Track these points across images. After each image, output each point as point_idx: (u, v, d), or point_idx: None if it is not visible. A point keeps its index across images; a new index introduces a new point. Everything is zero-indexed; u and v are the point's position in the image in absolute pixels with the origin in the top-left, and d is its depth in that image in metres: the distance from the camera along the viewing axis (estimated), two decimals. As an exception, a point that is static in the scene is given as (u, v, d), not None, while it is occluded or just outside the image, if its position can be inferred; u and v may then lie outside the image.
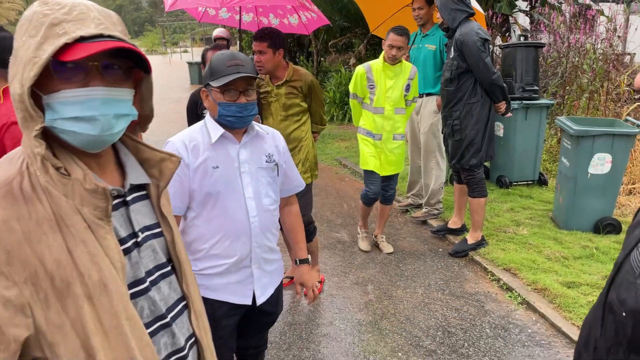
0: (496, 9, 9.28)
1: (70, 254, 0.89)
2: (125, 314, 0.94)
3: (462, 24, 3.87)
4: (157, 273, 1.07)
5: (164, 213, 1.10)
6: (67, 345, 0.89)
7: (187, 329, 1.13)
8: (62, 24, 0.88)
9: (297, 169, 2.14)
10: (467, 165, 4.01)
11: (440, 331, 3.19)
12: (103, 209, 0.93)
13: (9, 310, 0.84)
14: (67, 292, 0.89)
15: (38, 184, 0.91)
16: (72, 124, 0.90)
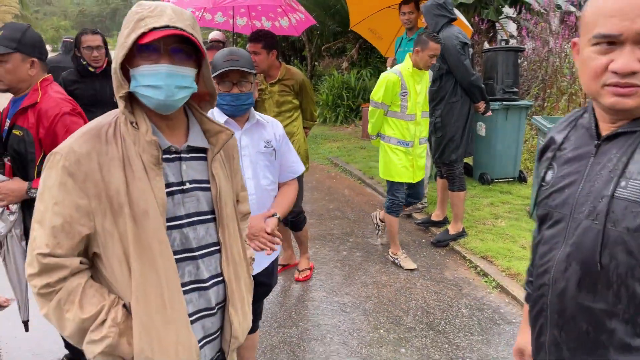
0: (483, 15, 9.61)
1: (127, 186, 1.22)
2: (158, 237, 1.23)
3: (443, 28, 4.17)
4: (197, 217, 1.33)
5: (214, 174, 1.37)
6: (114, 248, 1.23)
7: (214, 268, 1.37)
8: (145, 19, 1.19)
9: (297, 156, 2.34)
10: (447, 160, 4.30)
11: (420, 311, 3.46)
12: (155, 157, 1.24)
13: (79, 213, 1.21)
14: (120, 212, 1.21)
15: (119, 132, 1.26)
16: (146, 89, 1.21)
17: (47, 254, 1.21)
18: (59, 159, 1.22)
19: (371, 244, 4.58)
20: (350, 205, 5.69)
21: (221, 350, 1.44)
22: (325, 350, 3.04)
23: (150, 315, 1.23)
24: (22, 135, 2.14)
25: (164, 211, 1.25)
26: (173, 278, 1.25)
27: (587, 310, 1.06)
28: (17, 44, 2.12)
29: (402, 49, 5.02)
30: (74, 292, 1.22)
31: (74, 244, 1.22)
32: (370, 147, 8.02)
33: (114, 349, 1.23)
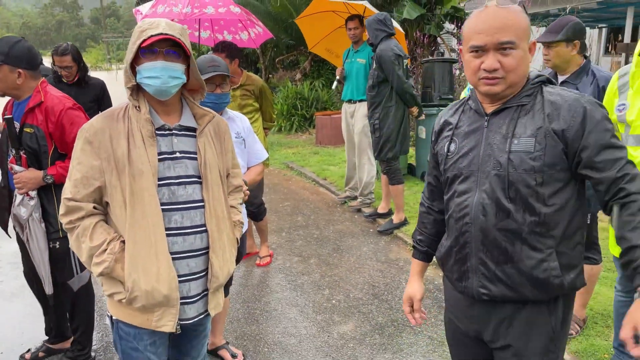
0: (425, 31, 10.41)
1: (129, 152, 1.67)
2: (149, 192, 1.67)
3: (382, 41, 4.76)
4: (186, 179, 1.75)
5: (200, 147, 1.78)
6: (117, 197, 1.68)
7: (199, 219, 1.76)
8: (146, 31, 1.63)
9: (261, 145, 2.86)
10: (385, 158, 4.89)
11: (367, 285, 3.97)
12: (150, 131, 1.70)
13: (93, 170, 1.67)
14: (123, 171, 1.66)
15: (127, 113, 1.72)
16: (148, 80, 1.66)
17: (70, 199, 1.67)
18: (83, 132, 1.70)
19: (325, 234, 5.08)
20: (306, 202, 6.18)
21: (207, 289, 1.82)
22: (285, 317, 3.50)
23: (137, 249, 1.65)
24: (34, 132, 2.47)
25: (155, 172, 1.68)
26: (158, 223, 1.67)
27: (504, 231, 1.49)
28: (5, 56, 2.42)
29: (349, 60, 5.59)
30: (87, 228, 1.67)
31: (89, 193, 1.67)
32: (323, 153, 8.57)
33: (110, 270, 1.66)
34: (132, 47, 1.65)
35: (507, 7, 1.46)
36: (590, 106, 1.44)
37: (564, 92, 1.49)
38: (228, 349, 3.01)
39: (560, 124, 1.44)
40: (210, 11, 4.83)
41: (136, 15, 5.34)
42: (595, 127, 1.42)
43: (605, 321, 3.24)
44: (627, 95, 2.33)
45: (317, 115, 9.51)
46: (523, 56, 1.46)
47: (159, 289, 1.67)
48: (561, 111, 1.45)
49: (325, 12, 5.93)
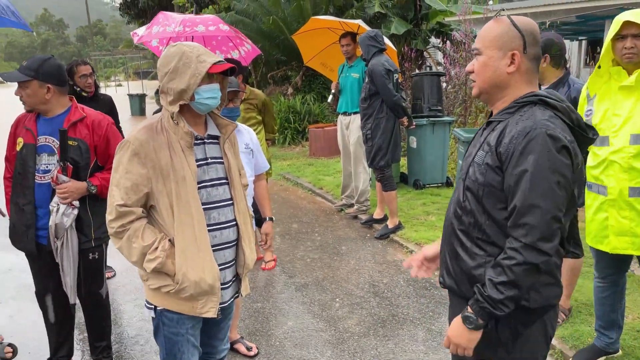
0: (412, 45, 10.82)
1: (172, 160, 1.90)
2: (192, 195, 1.91)
3: (374, 56, 5.09)
4: (217, 181, 2.01)
5: (226, 152, 2.06)
6: (163, 201, 1.91)
7: (230, 215, 2.03)
8: (200, 56, 1.86)
9: (264, 156, 3.14)
10: (378, 166, 5.20)
11: (367, 284, 4.23)
12: (189, 142, 1.93)
13: (142, 178, 1.88)
14: (167, 177, 1.89)
15: (164, 126, 1.94)
16: (208, 100, 1.92)
17: (122, 204, 1.88)
18: (129, 145, 1.90)
19: (325, 239, 5.34)
20: (304, 211, 6.44)
21: (236, 275, 2.12)
22: (293, 315, 3.74)
23: (186, 245, 1.89)
24: (77, 145, 2.66)
25: (195, 177, 1.93)
26: (201, 222, 1.91)
27: (457, 231, 1.64)
28: (35, 72, 2.60)
29: (344, 75, 5.90)
30: (138, 230, 1.89)
31: (139, 198, 1.89)
32: (317, 164, 8.85)
33: (162, 265, 1.88)
34: (197, 72, 1.84)
35: (497, 18, 1.60)
36: (534, 143, 1.43)
37: (528, 120, 1.48)
38: (243, 342, 3.24)
39: (502, 148, 1.49)
40: (201, 29, 5.09)
41: (133, 36, 5.62)
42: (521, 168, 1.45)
43: (589, 310, 3.52)
44: (593, 102, 2.67)
45: (310, 128, 9.81)
46: (485, 62, 1.57)
47: (205, 279, 1.91)
48: (509, 136, 1.49)
49: (321, 29, 6.25)
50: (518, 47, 1.54)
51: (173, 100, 1.90)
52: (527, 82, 1.57)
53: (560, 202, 1.42)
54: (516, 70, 1.55)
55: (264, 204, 3.15)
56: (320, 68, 6.80)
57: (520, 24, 1.55)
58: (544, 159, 1.41)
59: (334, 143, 9.33)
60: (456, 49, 9.55)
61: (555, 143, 1.42)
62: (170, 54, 1.89)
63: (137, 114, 19.22)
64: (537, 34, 1.57)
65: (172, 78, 1.88)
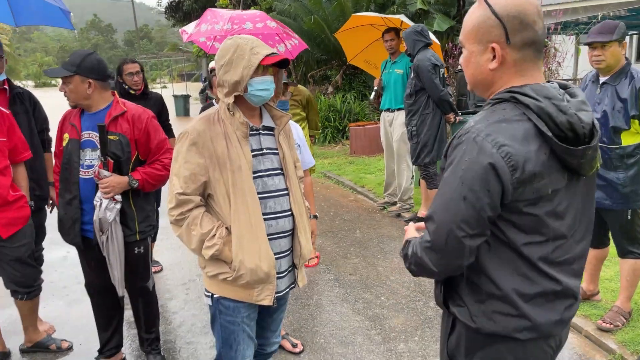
0: (456, 42, 10.59)
1: (228, 150, 1.92)
2: (247, 184, 1.92)
3: (420, 51, 4.99)
4: (273, 171, 2.02)
5: (281, 143, 2.06)
6: (220, 190, 1.93)
7: (286, 205, 2.03)
8: (254, 48, 1.88)
9: (309, 152, 3.10)
10: (423, 163, 5.09)
11: (413, 284, 4.14)
12: (245, 133, 1.95)
13: (199, 167, 1.91)
14: (224, 166, 1.91)
15: (221, 117, 1.96)
16: (261, 92, 1.93)
17: (181, 193, 1.91)
18: (187, 135, 1.92)
19: (367, 237, 5.27)
20: (346, 209, 6.39)
21: (292, 264, 2.09)
22: (337, 313, 3.70)
23: (242, 233, 1.91)
24: (118, 139, 2.67)
25: (251, 167, 1.94)
26: (257, 210, 1.92)
27: None
28: (77, 67, 2.63)
29: (387, 71, 5.83)
30: (197, 218, 1.92)
31: (197, 187, 1.92)
32: (358, 162, 8.78)
33: (220, 252, 1.91)
34: (250, 64, 1.86)
35: (478, 2, 1.35)
36: (459, 149, 1.26)
37: (474, 119, 1.30)
38: (288, 339, 3.22)
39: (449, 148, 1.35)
40: (249, 27, 5.12)
41: (182, 34, 5.70)
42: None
43: None
44: None
45: (351, 126, 9.76)
46: (467, 58, 1.37)
47: (261, 267, 1.91)
48: (451, 144, 1.33)
49: (363, 26, 6.19)
50: (498, 37, 1.28)
51: (228, 92, 1.92)
52: (518, 75, 1.31)
53: (464, 219, 1.24)
54: (500, 65, 1.30)
55: (309, 201, 3.11)
56: (364, 65, 6.74)
57: (501, 6, 1.28)
58: (459, 167, 1.24)
59: (374, 141, 9.28)
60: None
61: (480, 154, 1.21)
62: (226, 46, 1.92)
63: (182, 114, 19.67)
64: (527, 14, 1.27)
65: (227, 70, 1.90)
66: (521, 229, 1.28)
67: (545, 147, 1.24)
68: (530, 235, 1.29)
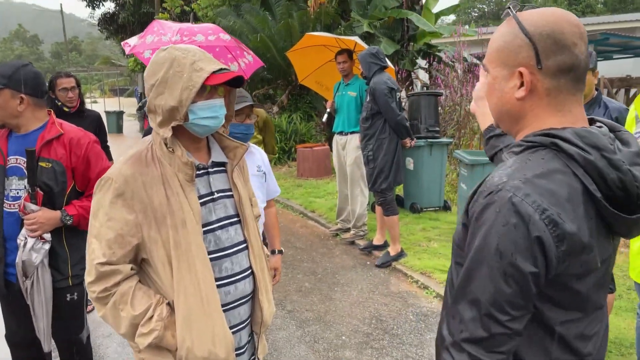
0: (401, 66, 10.69)
1: (168, 199, 1.47)
2: (195, 243, 1.48)
3: (375, 74, 4.83)
4: (227, 221, 1.60)
5: (235, 183, 1.64)
6: (158, 253, 1.48)
7: (245, 262, 1.62)
8: (196, 63, 1.45)
9: (275, 179, 2.78)
10: (379, 189, 4.89)
11: (375, 320, 3.88)
12: (190, 175, 1.50)
13: (128, 226, 1.46)
14: (163, 222, 1.47)
15: (156, 155, 1.51)
16: (205, 120, 1.50)
17: (104, 263, 1.44)
18: (111, 183, 1.46)
19: (322, 267, 4.98)
20: (297, 235, 6.08)
21: (252, 333, 1.70)
22: (295, 356, 3.35)
23: (190, 310, 1.46)
24: (52, 167, 2.24)
25: (199, 219, 1.49)
26: (208, 277, 1.48)
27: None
28: (7, 80, 2.21)
29: (340, 93, 5.63)
30: (126, 294, 1.47)
31: (126, 253, 1.46)
32: (307, 185, 8.52)
33: (160, 340, 1.46)
34: (191, 84, 1.42)
35: (508, 19, 1.11)
36: (490, 211, 0.99)
37: (507, 170, 1.02)
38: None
39: (472, 202, 1.07)
40: (200, 39, 4.76)
41: (124, 46, 5.25)
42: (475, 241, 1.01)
43: (620, 349, 3.24)
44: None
45: (298, 148, 9.50)
46: (491, 85, 1.13)
47: (216, 353, 1.50)
48: (483, 188, 1.05)
49: (316, 46, 6.00)
50: (527, 60, 1.05)
51: (163, 122, 1.47)
52: (553, 110, 1.07)
53: (504, 300, 0.97)
54: (529, 94, 1.06)
55: (273, 234, 2.79)
56: (315, 87, 6.53)
57: (532, 23, 1.04)
58: (493, 235, 0.97)
59: (322, 163, 9.07)
60: (444, 69, 9.45)
61: (519, 221, 0.95)
62: (159, 60, 1.48)
63: (115, 131, 18.63)
64: (564, 34, 1.03)
65: (160, 92, 1.45)
66: (560, 306, 1.03)
67: (591, 209, 1.00)
68: (570, 312, 1.04)
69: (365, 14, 11.28)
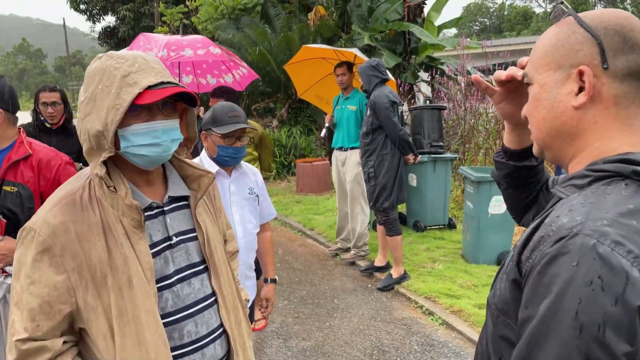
0: (402, 79, 10.50)
1: (109, 253, 1.15)
2: (145, 307, 1.15)
3: (376, 87, 4.60)
4: (189, 271, 1.28)
5: (199, 220, 1.32)
6: (98, 324, 1.14)
7: (214, 321, 1.30)
8: (130, 75, 1.14)
9: (270, 201, 2.54)
10: (381, 208, 4.63)
11: (376, 350, 3.60)
12: (137, 220, 1.18)
13: (57, 291, 1.13)
14: (104, 283, 1.14)
15: (94, 195, 1.19)
16: (142, 149, 1.17)
17: (26, 339, 1.12)
18: (33, 235, 1.13)
19: (320, 290, 4.71)
20: (295, 255, 5.81)
21: None
22: (290, 393, 3.08)
23: None
24: (17, 191, 2.05)
25: (151, 276, 1.18)
26: (163, 351, 1.17)
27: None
28: None
29: (339, 107, 5.41)
30: None
31: (55, 324, 1.13)
32: (306, 201, 8.26)
33: None
34: (118, 103, 1.12)
35: (559, 21, 0.91)
36: (564, 263, 0.72)
37: (582, 209, 0.76)
38: None
39: (525, 254, 0.82)
40: (189, 54, 4.56)
41: None
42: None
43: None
44: None
45: (298, 163, 9.27)
46: (537, 96, 0.91)
47: None
48: (540, 234, 0.80)
49: (314, 59, 5.79)
50: (589, 59, 0.83)
51: (90, 151, 1.17)
52: (621, 123, 0.84)
53: None
54: (590, 101, 0.84)
55: (267, 261, 2.54)
56: (315, 100, 6.31)
57: (594, 18, 0.85)
58: (570, 300, 0.70)
59: (322, 179, 8.83)
60: (447, 83, 9.25)
61: (612, 279, 0.68)
62: (90, 72, 1.19)
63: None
64: (634, 31, 0.83)
65: (88, 112, 1.16)
66: None
67: None
68: None
69: (366, 26, 11.13)
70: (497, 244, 5.05)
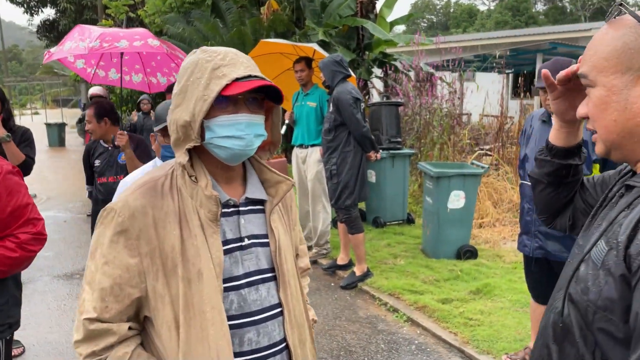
0: (357, 75, 10.51)
1: (182, 243, 1.15)
2: (211, 303, 1.13)
3: (339, 83, 4.54)
4: (258, 276, 1.24)
5: (273, 227, 1.29)
6: (164, 313, 1.14)
7: (278, 334, 1.24)
8: (220, 68, 1.16)
9: None
10: (343, 205, 4.59)
11: (343, 351, 3.55)
12: (214, 213, 1.17)
13: (129, 274, 1.14)
14: (174, 272, 1.14)
15: (175, 184, 1.21)
16: (225, 140, 1.17)
17: (94, 319, 1.13)
18: (114, 215, 1.15)
19: (283, 292, 4.61)
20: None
21: None
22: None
23: None
24: None
25: (220, 272, 1.16)
26: (226, 351, 1.14)
27: None
28: None
29: (299, 104, 5.32)
30: None
31: (123, 308, 1.14)
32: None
33: None
34: (207, 93, 1.14)
35: (612, 22, 0.94)
36: None
37: None
38: None
39: (634, 248, 0.83)
40: (124, 45, 4.29)
41: (44, 56, 4.75)
42: None
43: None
44: None
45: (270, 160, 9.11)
46: (604, 98, 0.94)
47: None
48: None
49: (273, 54, 5.66)
50: None
51: (177, 141, 1.20)
52: None
53: None
54: None
55: None
56: (273, 96, 6.16)
57: None
58: None
59: (280, 176, 8.70)
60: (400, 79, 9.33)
61: None
62: (184, 65, 1.22)
63: (56, 145, 17.60)
64: None
65: (178, 104, 1.19)
66: None
67: None
68: None
69: (320, 22, 11.06)
70: (457, 239, 5.11)
